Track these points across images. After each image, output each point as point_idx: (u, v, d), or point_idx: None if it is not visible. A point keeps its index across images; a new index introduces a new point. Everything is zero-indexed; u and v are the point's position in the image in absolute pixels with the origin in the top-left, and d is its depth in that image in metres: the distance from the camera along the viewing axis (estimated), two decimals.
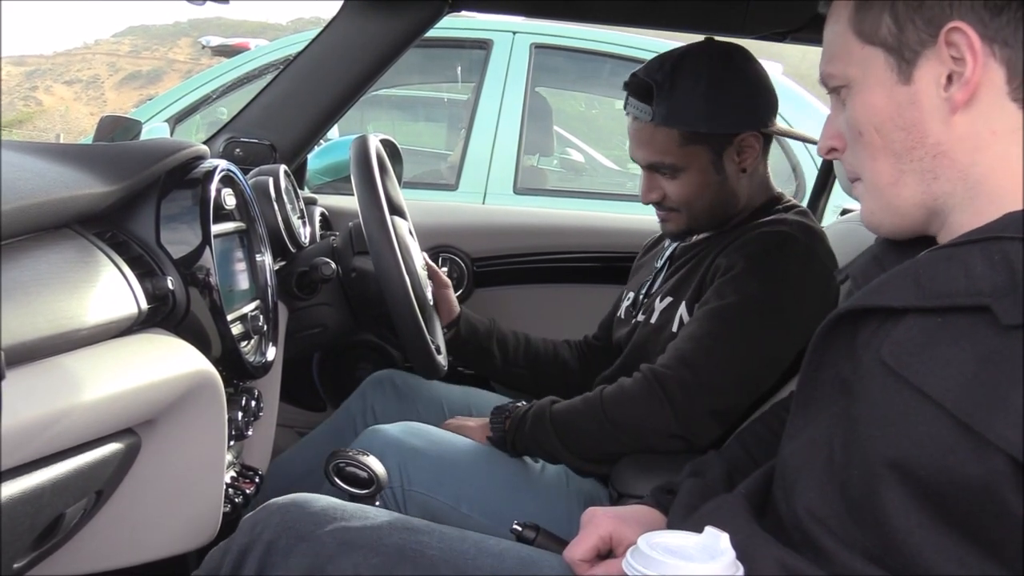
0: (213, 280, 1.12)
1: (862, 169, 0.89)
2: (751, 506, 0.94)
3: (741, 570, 0.76)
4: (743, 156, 1.56)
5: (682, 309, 1.53)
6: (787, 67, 3.70)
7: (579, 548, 1.02)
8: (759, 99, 1.57)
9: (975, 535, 0.73)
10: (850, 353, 0.86)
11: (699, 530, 0.79)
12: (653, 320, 1.59)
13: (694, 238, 1.67)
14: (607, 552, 1.04)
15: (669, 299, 1.58)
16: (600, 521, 1.05)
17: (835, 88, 0.90)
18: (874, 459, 0.78)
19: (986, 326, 0.73)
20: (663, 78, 1.52)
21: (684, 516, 0.98)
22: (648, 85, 1.52)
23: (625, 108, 1.59)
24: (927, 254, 0.83)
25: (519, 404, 1.60)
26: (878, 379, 0.80)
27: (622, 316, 1.75)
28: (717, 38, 1.59)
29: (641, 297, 1.70)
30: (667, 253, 1.72)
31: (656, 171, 1.57)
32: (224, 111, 3.99)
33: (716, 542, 0.77)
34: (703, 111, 1.51)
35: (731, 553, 0.76)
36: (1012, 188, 0.80)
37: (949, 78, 0.80)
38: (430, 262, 1.84)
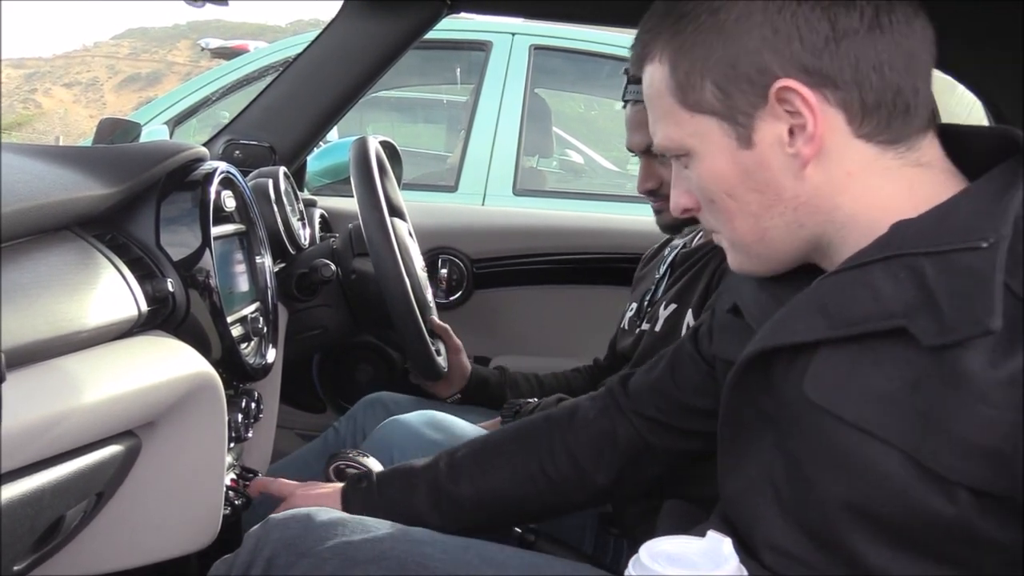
0: (213, 282, 1.12)
1: (722, 229, 0.87)
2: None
3: (745, 573, 0.76)
4: None
5: (688, 316, 1.53)
6: None
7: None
8: None
9: (951, 561, 0.71)
10: (768, 391, 0.83)
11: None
12: (658, 328, 1.58)
13: (694, 243, 1.67)
14: None
15: (674, 305, 1.58)
16: (297, 503, 1.13)
17: (675, 156, 0.87)
18: (830, 503, 0.75)
19: (906, 348, 0.71)
20: None
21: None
22: None
23: (624, 96, 1.58)
24: (828, 280, 0.79)
25: (529, 401, 1.60)
26: (810, 417, 0.77)
27: (626, 327, 1.74)
28: None
29: (644, 305, 1.69)
30: (668, 260, 1.71)
31: (654, 156, 1.56)
32: (225, 113, 3.99)
33: (719, 547, 0.76)
34: None
35: (735, 558, 0.76)
36: (883, 217, 0.77)
37: (791, 132, 0.78)
38: (441, 323, 1.83)
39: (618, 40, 3.63)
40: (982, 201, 0.73)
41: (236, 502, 1.27)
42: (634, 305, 1.74)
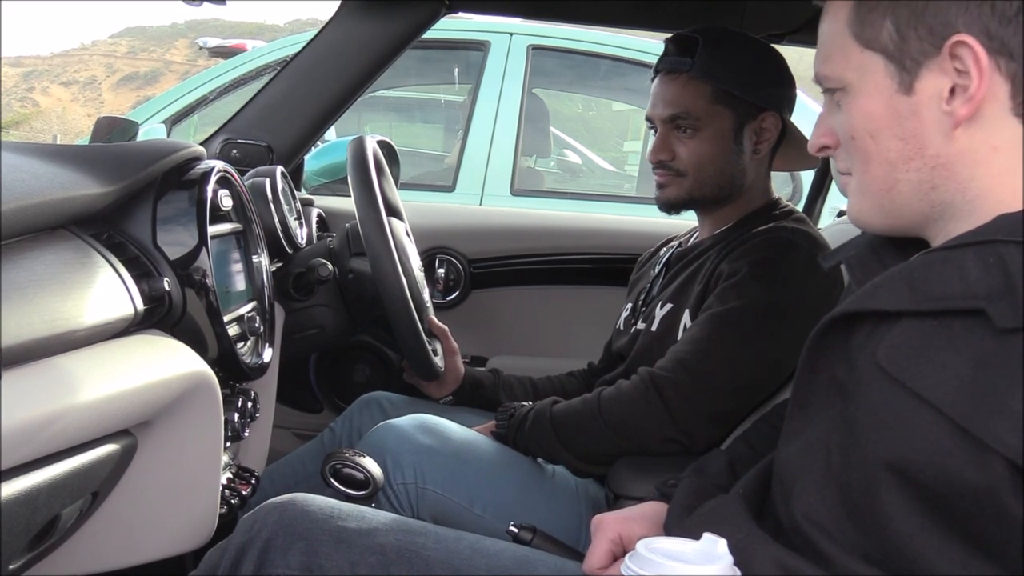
0: (209, 281, 1.12)
1: (855, 171, 0.87)
2: (749, 507, 0.94)
3: (738, 573, 0.76)
4: (761, 136, 1.57)
5: (685, 317, 1.53)
6: None
7: (594, 557, 1.01)
8: (789, 91, 1.60)
9: (976, 538, 0.72)
10: (845, 356, 0.85)
11: (696, 531, 0.79)
12: (654, 328, 1.58)
13: (689, 242, 1.67)
14: (621, 553, 1.03)
15: (670, 306, 1.58)
16: (608, 524, 1.04)
17: (830, 90, 0.88)
18: (873, 462, 0.77)
19: (982, 329, 0.72)
20: (712, 35, 1.55)
21: (681, 516, 0.98)
22: (693, 39, 1.55)
23: (657, 66, 1.60)
24: (921, 257, 0.81)
25: (524, 404, 1.61)
26: (874, 382, 0.79)
27: (621, 327, 1.74)
28: None
29: (639, 304, 1.69)
30: (663, 260, 1.71)
31: (675, 126, 1.56)
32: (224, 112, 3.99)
33: (714, 547, 0.77)
34: (741, 75, 1.54)
35: (728, 558, 0.76)
36: (1011, 202, 0.78)
37: (952, 91, 0.78)
38: (441, 324, 1.83)
39: (616, 41, 3.63)
40: None
41: (232, 501, 1.27)
42: (629, 305, 1.74)
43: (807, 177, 3.19)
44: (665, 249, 1.75)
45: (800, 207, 2.54)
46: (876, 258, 0.91)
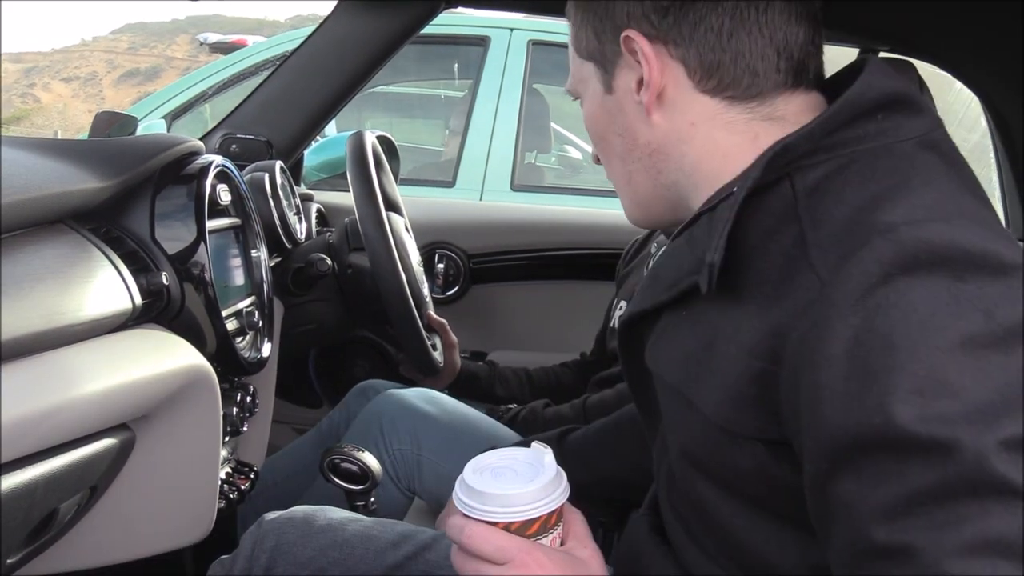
0: (208, 276, 1.12)
1: (607, 172, 0.93)
2: (657, 517, 0.95)
3: (563, 482, 0.78)
4: None
5: None
6: None
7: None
8: None
9: (776, 511, 0.73)
10: (641, 361, 0.89)
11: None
12: None
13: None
14: None
15: None
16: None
17: (576, 99, 0.94)
18: (678, 457, 0.80)
19: (700, 303, 0.77)
20: None
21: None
22: None
23: None
24: (667, 246, 0.86)
25: (510, 407, 1.62)
26: (653, 382, 0.84)
27: (615, 326, 1.75)
28: None
29: None
30: (654, 258, 1.71)
31: None
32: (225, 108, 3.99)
33: (541, 458, 0.78)
34: None
35: (553, 469, 0.78)
36: (725, 168, 0.81)
37: (640, 82, 0.83)
38: (439, 318, 1.84)
39: None
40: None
41: (231, 496, 1.27)
42: (623, 304, 1.74)
43: None
44: (656, 245, 1.75)
45: None
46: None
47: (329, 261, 1.64)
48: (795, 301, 0.66)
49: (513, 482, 0.77)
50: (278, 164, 1.69)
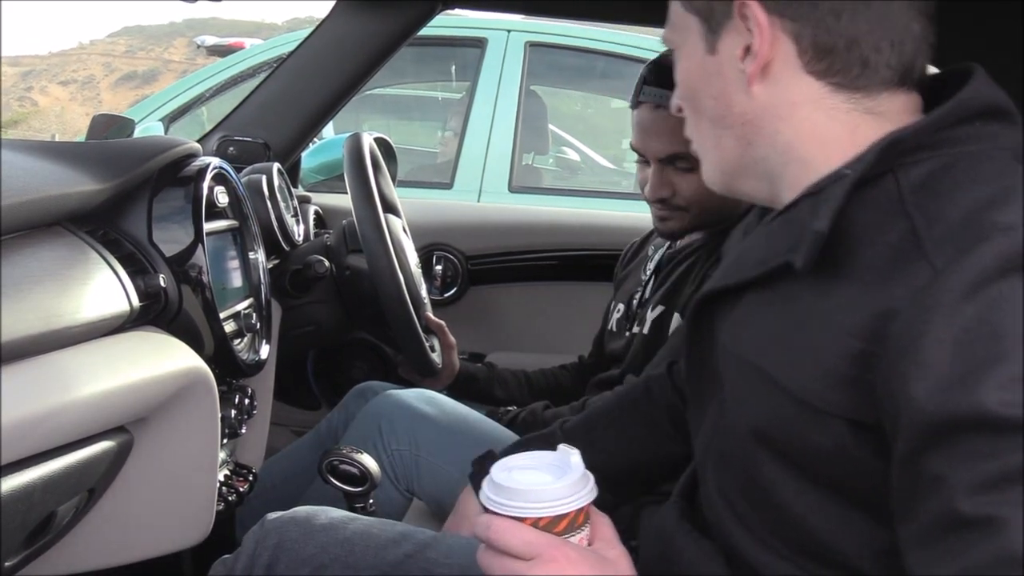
0: (205, 278, 1.12)
1: (690, 132, 0.91)
2: (688, 504, 0.97)
3: (591, 482, 0.77)
4: None
5: (675, 319, 1.53)
6: None
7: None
8: None
9: (845, 492, 0.74)
10: (711, 342, 0.89)
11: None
12: (646, 331, 1.59)
13: (679, 243, 1.67)
14: None
15: (661, 308, 1.58)
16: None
17: (672, 50, 0.92)
18: (744, 437, 0.80)
19: (793, 284, 0.76)
20: None
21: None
22: None
23: (638, 98, 1.53)
24: (758, 230, 0.87)
25: (510, 410, 1.62)
26: (728, 361, 0.84)
27: (614, 329, 1.74)
28: None
29: (634, 308, 1.69)
30: (654, 262, 1.70)
31: (672, 164, 1.51)
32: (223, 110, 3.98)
33: (567, 458, 0.78)
34: None
35: (580, 468, 0.77)
36: (820, 154, 0.81)
37: (747, 50, 0.81)
38: (437, 320, 1.84)
39: (614, 37, 3.63)
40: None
41: (229, 498, 1.27)
42: (621, 307, 1.73)
43: None
44: (653, 248, 1.74)
45: None
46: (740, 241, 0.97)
47: (327, 263, 1.64)
48: (905, 287, 0.68)
49: (541, 479, 0.77)
50: (276, 166, 1.69)
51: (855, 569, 0.75)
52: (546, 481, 0.76)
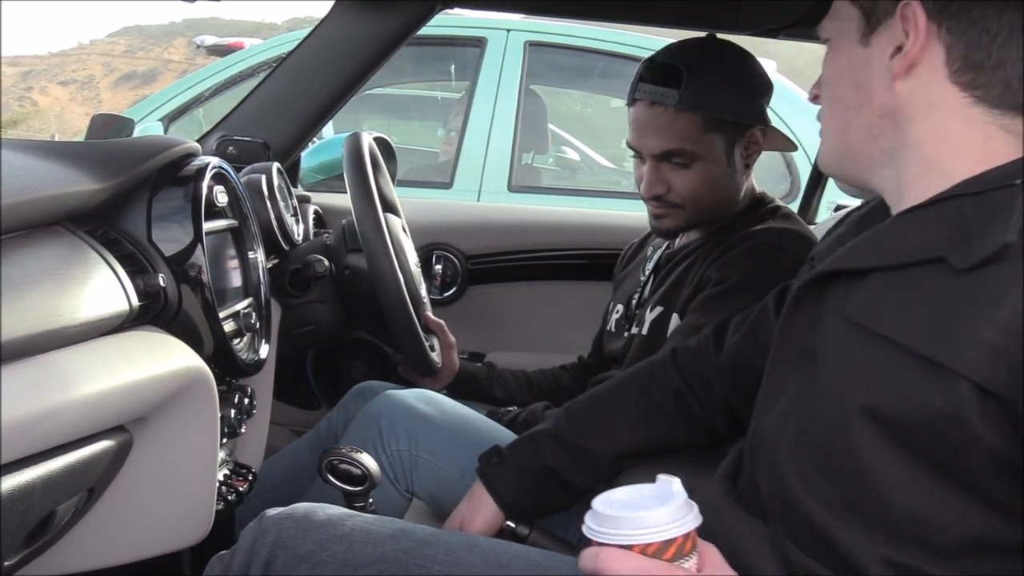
0: (205, 277, 1.12)
1: (823, 114, 0.96)
2: (731, 485, 0.99)
3: (695, 509, 0.77)
4: (749, 150, 1.56)
5: (674, 320, 1.53)
6: (781, 65, 3.70)
7: None
8: (766, 97, 1.58)
9: (946, 466, 0.76)
10: (815, 321, 0.90)
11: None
12: (645, 331, 1.59)
13: (677, 243, 1.67)
14: None
15: (660, 309, 1.58)
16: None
17: (825, 40, 0.96)
18: (844, 408, 0.81)
19: (942, 274, 0.78)
20: (692, 62, 1.49)
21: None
22: (675, 68, 1.49)
23: (634, 95, 1.54)
24: (888, 221, 0.89)
25: (511, 410, 1.62)
26: (842, 336, 0.85)
27: (613, 329, 1.74)
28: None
29: (633, 308, 1.69)
30: (652, 262, 1.71)
31: (668, 161, 1.52)
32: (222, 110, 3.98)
33: (669, 487, 0.77)
34: (728, 98, 1.50)
35: (683, 495, 0.76)
36: (949, 158, 0.85)
37: (898, 49, 0.86)
38: (437, 319, 1.84)
39: (614, 36, 3.63)
40: None
41: (229, 497, 1.27)
42: (620, 307, 1.73)
43: (804, 172, 3.19)
44: (652, 248, 1.74)
45: (797, 201, 2.55)
46: (839, 242, 0.97)
47: (326, 262, 1.64)
48: None
49: (644, 507, 0.76)
50: (275, 166, 1.69)
51: (936, 549, 0.76)
52: (650, 508, 0.75)
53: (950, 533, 0.76)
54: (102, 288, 0.96)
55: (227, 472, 1.32)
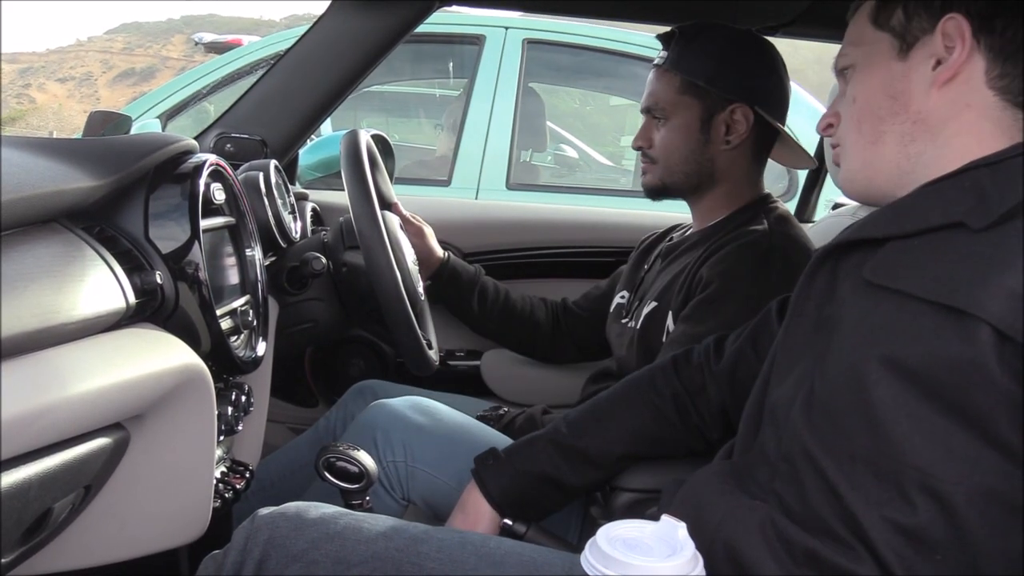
0: (202, 275, 1.12)
1: (848, 133, 1.01)
2: (727, 463, 1.02)
3: (700, 563, 0.76)
4: (732, 128, 1.59)
5: (669, 320, 1.54)
6: None
7: None
8: (766, 83, 1.61)
9: (963, 412, 0.78)
10: (831, 289, 0.94)
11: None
12: (639, 325, 1.60)
13: (675, 237, 1.69)
14: None
15: (655, 304, 1.58)
16: None
17: (843, 69, 1.02)
18: (863, 361, 0.83)
19: (959, 236, 0.83)
20: (688, 30, 1.62)
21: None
22: (673, 33, 1.63)
23: (654, 62, 1.68)
24: (903, 198, 0.92)
25: (503, 411, 1.63)
26: (860, 297, 0.88)
27: (612, 311, 1.76)
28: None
29: (632, 298, 1.70)
30: (656, 252, 1.72)
31: (651, 115, 1.65)
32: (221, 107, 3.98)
33: (674, 532, 0.77)
34: (708, 67, 1.58)
35: (690, 545, 0.76)
36: (975, 150, 0.91)
37: (938, 62, 0.92)
38: (404, 211, 1.88)
39: (612, 35, 3.63)
40: None
41: (226, 495, 1.27)
42: (626, 293, 1.75)
43: (802, 171, 3.19)
44: (663, 245, 1.76)
45: (795, 200, 2.56)
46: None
47: (324, 260, 1.64)
48: None
49: (651, 556, 0.74)
50: (273, 163, 1.69)
51: (944, 500, 0.78)
52: (658, 558, 0.74)
53: (960, 485, 0.77)
54: (99, 285, 0.96)
55: (224, 470, 1.32)
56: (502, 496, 1.25)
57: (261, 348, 1.35)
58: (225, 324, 1.21)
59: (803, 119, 3.12)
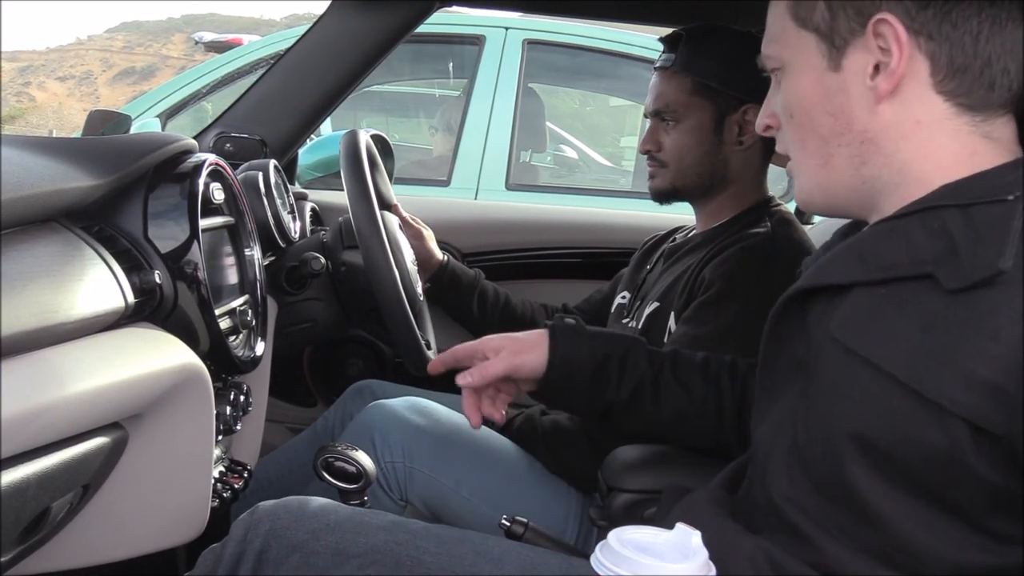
0: (201, 274, 1.12)
1: (792, 150, 0.92)
2: (727, 494, 0.98)
3: (713, 570, 0.76)
4: (745, 128, 1.59)
5: (671, 321, 1.54)
6: None
7: (487, 372, 1.23)
8: None
9: (941, 499, 0.75)
10: (803, 334, 0.88)
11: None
12: (640, 326, 1.60)
13: (678, 238, 1.68)
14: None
15: (656, 304, 1.58)
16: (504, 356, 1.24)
17: (772, 70, 0.93)
18: (836, 434, 0.80)
19: (929, 292, 0.76)
20: (696, 31, 1.61)
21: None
22: (680, 35, 1.62)
23: (655, 66, 1.67)
24: (869, 229, 0.86)
25: (511, 410, 1.63)
26: (831, 355, 0.83)
27: (614, 312, 1.76)
28: None
29: (634, 297, 1.70)
30: (658, 253, 1.72)
31: (660, 118, 1.63)
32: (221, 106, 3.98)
33: (688, 540, 0.76)
34: (720, 68, 1.57)
35: (704, 552, 0.75)
36: (938, 174, 0.83)
37: (876, 68, 0.83)
38: (404, 213, 1.87)
39: (613, 35, 3.63)
40: (1021, 167, 0.79)
41: (224, 495, 1.26)
42: (627, 294, 1.75)
43: None
44: (665, 247, 1.76)
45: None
46: (825, 251, 0.95)
47: (323, 259, 1.64)
48: None
49: (664, 560, 0.74)
50: (272, 163, 1.69)
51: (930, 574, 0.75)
52: (666, 557, 0.74)
53: (947, 562, 0.75)
54: (98, 285, 0.96)
55: (223, 469, 1.32)
56: (562, 355, 1.25)
57: (260, 348, 1.35)
58: (224, 324, 1.21)
59: None
